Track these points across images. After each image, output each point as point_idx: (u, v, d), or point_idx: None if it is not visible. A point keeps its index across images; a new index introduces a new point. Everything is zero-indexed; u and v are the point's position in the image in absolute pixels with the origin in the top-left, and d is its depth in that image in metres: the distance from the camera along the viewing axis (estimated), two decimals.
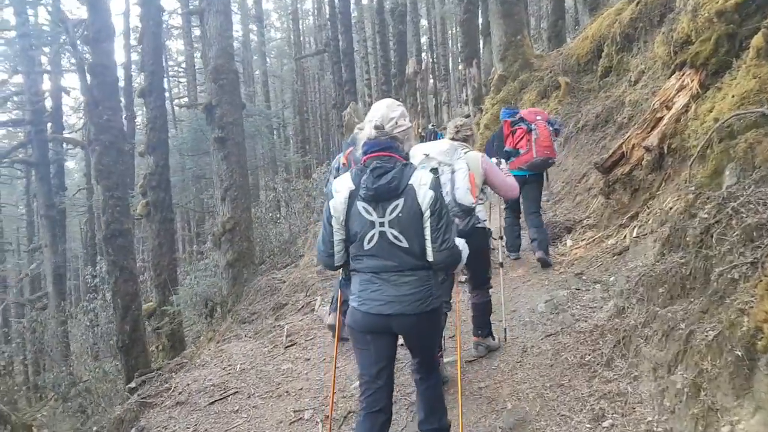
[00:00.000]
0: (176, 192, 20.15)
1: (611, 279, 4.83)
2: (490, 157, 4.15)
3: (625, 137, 6.22)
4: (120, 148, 10.07)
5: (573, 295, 4.80)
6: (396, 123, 2.60)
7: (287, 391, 4.14)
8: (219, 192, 12.74)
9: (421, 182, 2.48)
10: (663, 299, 3.53)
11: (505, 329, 4.49)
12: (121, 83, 24.04)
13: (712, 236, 3.27)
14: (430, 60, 32.63)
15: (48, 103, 19.63)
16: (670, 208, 5.16)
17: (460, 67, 23.92)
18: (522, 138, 5.66)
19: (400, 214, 2.45)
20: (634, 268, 4.74)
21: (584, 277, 5.13)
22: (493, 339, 4.33)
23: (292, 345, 5.07)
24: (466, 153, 3.75)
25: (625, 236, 5.58)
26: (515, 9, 11.84)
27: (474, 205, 3.61)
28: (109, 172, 9.28)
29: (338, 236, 2.57)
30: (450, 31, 34.76)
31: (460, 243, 2.62)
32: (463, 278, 4.79)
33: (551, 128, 5.77)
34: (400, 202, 2.46)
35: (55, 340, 17.47)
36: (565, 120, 9.79)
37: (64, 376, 14.41)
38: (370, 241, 2.49)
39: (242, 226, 12.48)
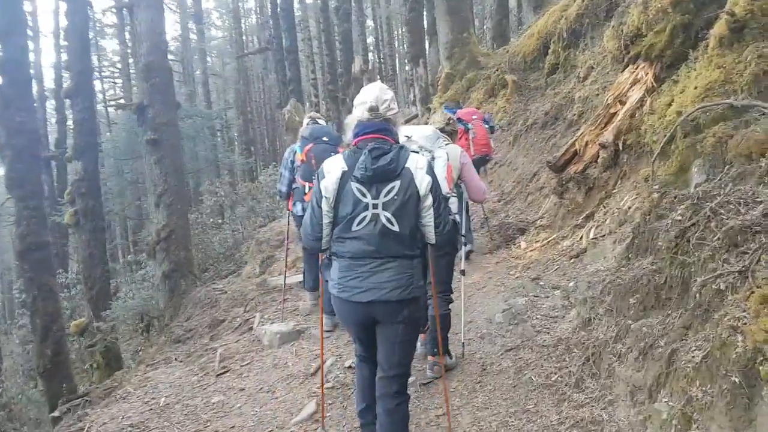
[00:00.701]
0: (112, 198, 18.90)
1: (571, 285, 4.48)
2: None
3: (578, 134, 5.93)
4: (35, 154, 9.10)
5: (531, 302, 4.41)
6: (389, 106, 2.56)
7: (216, 431, 3.54)
8: (153, 198, 11.86)
9: (417, 166, 2.45)
10: (635, 311, 3.16)
11: (463, 344, 4.05)
12: (51, 84, 22.54)
13: (689, 240, 2.91)
14: (377, 60, 32.27)
15: None
16: (629, 208, 4.87)
17: (407, 67, 23.62)
18: (461, 137, 5.79)
19: (395, 197, 2.41)
20: (594, 272, 4.40)
21: (541, 283, 4.77)
22: (450, 357, 3.89)
23: (225, 372, 4.46)
24: (446, 144, 3.69)
25: (581, 237, 5.26)
26: (461, 6, 11.55)
27: (449, 195, 3.41)
28: (23, 180, 8.33)
29: (327, 219, 2.50)
30: (396, 32, 34.49)
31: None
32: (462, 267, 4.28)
33: (487, 126, 5.97)
34: (396, 184, 2.41)
35: None
36: (513, 118, 9.55)
37: None
38: (360, 222, 2.43)
39: (179, 234, 11.64)
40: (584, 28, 9.03)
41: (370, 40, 34.10)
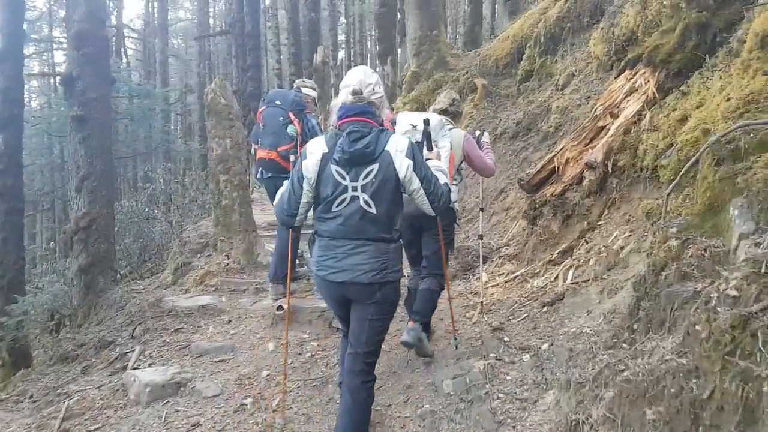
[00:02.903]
0: (42, 178, 16.94)
1: (544, 347, 3.28)
2: None
3: (558, 150, 4.77)
4: None
5: (492, 369, 3.19)
6: (373, 89, 2.64)
7: None
8: (74, 181, 10.20)
9: (397, 149, 2.39)
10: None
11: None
12: None
13: (754, 336, 1.74)
14: (347, 57, 30.88)
15: None
16: (621, 248, 3.72)
17: (377, 68, 22.40)
18: None
19: (373, 180, 2.37)
20: (577, 334, 3.22)
21: (506, 338, 3.56)
22: (429, 338, 3.59)
23: None
24: (450, 130, 3.52)
25: (556, 277, 4.09)
26: (433, 0, 10.31)
27: (450, 185, 3.08)
28: None
29: (305, 198, 2.51)
30: (369, 30, 33.14)
31: (442, 179, 2.55)
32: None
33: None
34: (375, 167, 2.37)
35: None
36: (480, 126, 8.40)
37: None
38: (340, 204, 2.41)
39: (101, 224, 10.06)
40: (564, 32, 7.96)
41: (341, 37, 32.69)
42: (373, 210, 2.38)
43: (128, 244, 12.10)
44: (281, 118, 4.46)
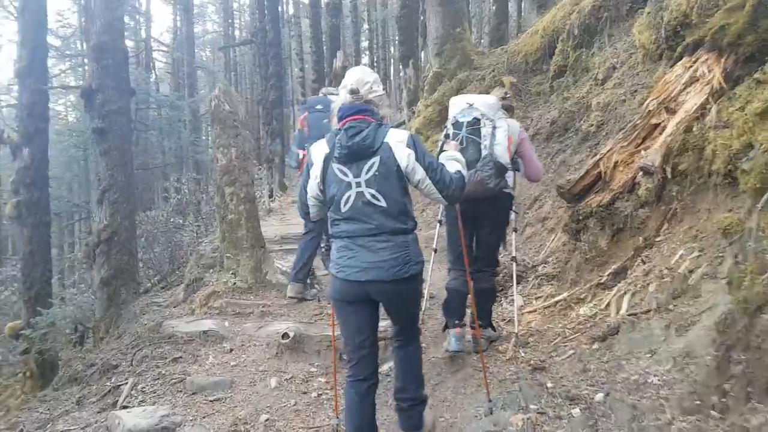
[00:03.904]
0: (71, 190, 16.88)
1: (598, 398, 2.61)
2: None
3: (604, 152, 4.06)
4: None
5: (533, 427, 2.53)
6: (371, 88, 2.46)
7: None
8: (96, 194, 9.93)
9: (397, 140, 2.34)
10: None
11: None
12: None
13: None
14: (370, 63, 30.38)
15: None
16: (689, 272, 3.01)
17: (401, 73, 21.80)
18: None
19: (376, 173, 2.32)
20: (640, 383, 2.53)
21: (548, 383, 2.88)
22: (494, 329, 3.58)
23: None
24: (506, 117, 3.45)
25: (607, 305, 3.40)
26: None
27: (509, 166, 3.32)
28: None
29: (312, 201, 2.51)
30: (391, 36, 32.57)
31: (452, 168, 2.47)
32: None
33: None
34: (376, 160, 2.32)
35: None
36: None
37: None
38: (346, 203, 2.35)
39: (122, 237, 9.80)
40: (601, 23, 7.23)
41: (365, 43, 32.20)
42: (383, 203, 2.31)
43: (158, 253, 11.81)
44: (326, 121, 4.39)
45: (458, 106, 3.35)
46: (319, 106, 4.62)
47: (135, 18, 21.60)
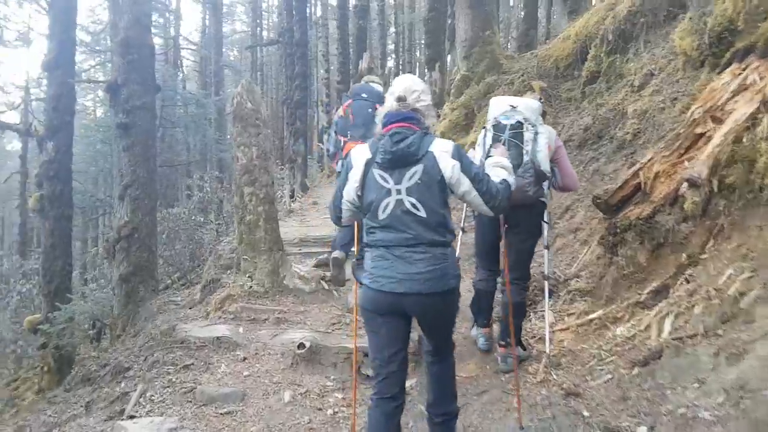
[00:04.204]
0: (96, 184, 17.04)
1: (641, 430, 2.37)
2: None
3: (644, 161, 3.81)
4: None
5: None
6: (419, 97, 2.40)
7: None
8: (117, 189, 9.91)
9: (442, 149, 2.27)
10: None
11: None
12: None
13: None
14: (396, 66, 30.20)
15: None
16: (740, 294, 2.75)
17: (426, 77, 21.57)
18: None
19: (418, 181, 2.24)
20: (689, 418, 2.30)
21: (584, 411, 2.65)
22: (524, 349, 3.41)
23: None
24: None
25: (647, 327, 3.15)
26: None
27: (548, 174, 3.20)
28: None
29: (346, 206, 2.42)
30: (417, 40, 32.35)
31: (498, 176, 2.40)
32: None
33: None
34: (419, 168, 2.24)
35: None
36: None
37: None
38: (384, 209, 2.27)
39: (143, 233, 9.74)
40: (637, 28, 6.94)
41: (391, 46, 32.03)
42: (422, 213, 2.23)
43: (178, 250, 11.80)
44: (370, 110, 4.36)
45: (500, 108, 3.25)
46: (363, 94, 4.59)
47: (165, 15, 21.79)
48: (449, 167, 2.22)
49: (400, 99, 2.36)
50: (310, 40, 21.87)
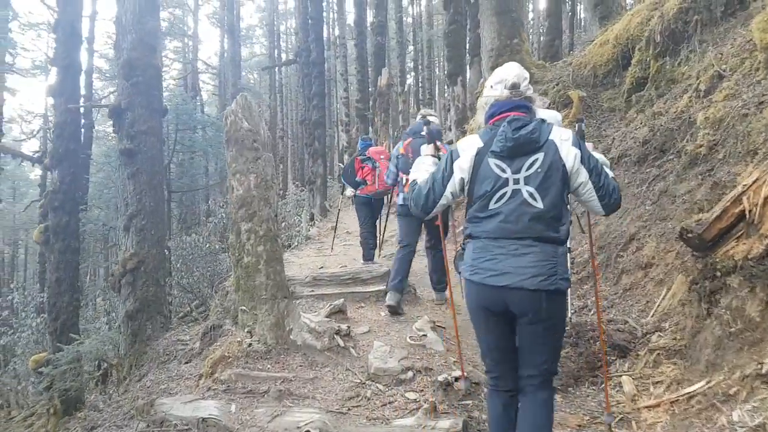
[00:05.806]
0: (107, 211, 16.55)
1: None
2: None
3: (748, 183, 2.89)
4: None
5: None
6: (528, 84, 2.25)
7: None
8: (122, 220, 9.28)
9: (562, 138, 2.12)
10: None
11: None
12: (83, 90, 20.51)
13: None
14: (415, 83, 29.56)
15: None
16: None
17: (446, 94, 20.83)
18: (368, 173, 6.22)
19: (539, 170, 2.07)
20: None
21: None
22: None
23: None
24: None
25: None
26: (512, 5, 8.64)
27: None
28: None
29: (446, 199, 2.27)
30: (436, 57, 31.72)
31: (610, 173, 2.18)
32: None
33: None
34: (540, 156, 2.08)
35: None
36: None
37: None
38: (499, 199, 2.12)
39: (149, 266, 9.08)
40: (690, 28, 6.05)
41: (410, 64, 31.46)
42: (539, 204, 2.06)
43: (197, 278, 11.18)
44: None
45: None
46: (423, 133, 4.20)
47: (183, 41, 21.53)
48: (571, 156, 2.07)
49: (514, 86, 2.20)
50: (328, 60, 21.38)
